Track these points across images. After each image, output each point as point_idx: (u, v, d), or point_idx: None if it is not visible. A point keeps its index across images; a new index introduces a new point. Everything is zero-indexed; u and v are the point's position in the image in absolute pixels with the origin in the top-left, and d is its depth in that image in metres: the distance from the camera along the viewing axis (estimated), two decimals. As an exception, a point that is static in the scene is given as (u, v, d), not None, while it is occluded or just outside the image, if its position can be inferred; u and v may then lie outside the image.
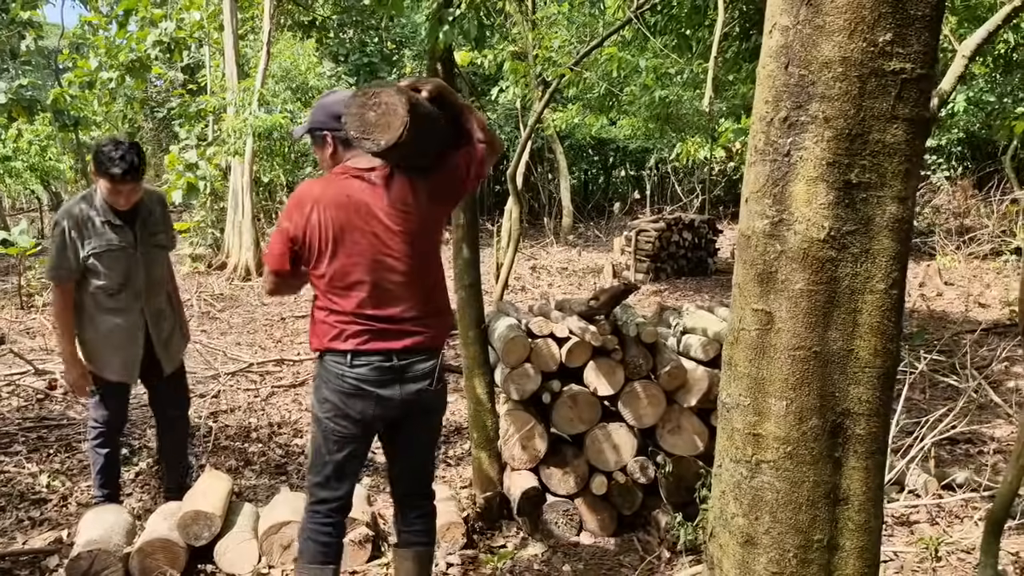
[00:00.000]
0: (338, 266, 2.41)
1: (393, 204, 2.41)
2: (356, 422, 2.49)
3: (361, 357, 2.43)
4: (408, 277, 2.46)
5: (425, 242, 2.50)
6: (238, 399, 5.84)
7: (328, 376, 2.48)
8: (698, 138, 11.98)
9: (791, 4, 1.71)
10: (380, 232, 2.40)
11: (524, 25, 6.63)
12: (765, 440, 1.83)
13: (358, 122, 2.26)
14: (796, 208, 1.72)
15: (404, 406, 2.51)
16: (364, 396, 2.45)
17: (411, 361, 2.48)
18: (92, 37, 15.45)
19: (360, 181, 2.42)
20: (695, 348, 3.70)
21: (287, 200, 2.53)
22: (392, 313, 2.45)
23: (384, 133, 2.24)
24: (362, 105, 2.26)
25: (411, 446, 2.68)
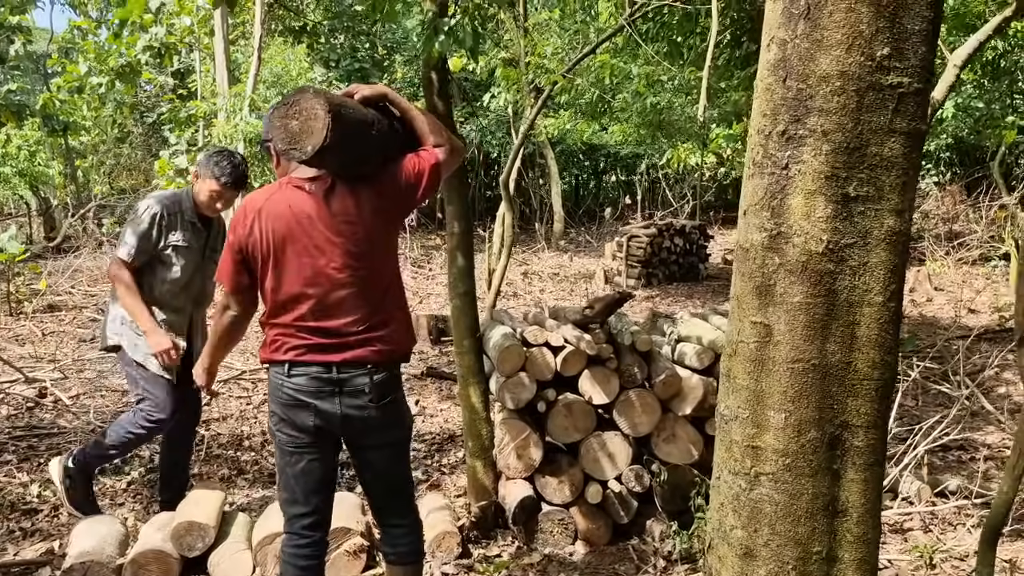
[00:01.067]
0: (279, 278, 2.40)
1: (335, 214, 2.36)
2: (302, 430, 2.45)
3: (299, 368, 2.41)
4: (351, 289, 2.40)
5: (371, 253, 2.43)
6: (230, 407, 5.81)
7: (271, 387, 2.49)
8: (689, 144, 12.03)
9: (789, 18, 1.71)
10: (321, 243, 2.36)
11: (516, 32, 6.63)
12: (764, 452, 1.83)
13: (283, 133, 2.23)
14: (794, 221, 1.73)
15: (346, 421, 2.44)
16: (302, 407, 2.42)
17: (352, 375, 2.41)
18: (81, 42, 15.39)
19: (301, 192, 2.39)
20: (690, 356, 3.70)
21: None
22: (333, 326, 2.40)
23: (308, 139, 2.19)
24: (283, 116, 2.22)
25: (372, 464, 2.60)
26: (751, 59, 6.48)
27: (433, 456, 4.81)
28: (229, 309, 2.57)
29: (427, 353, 7.39)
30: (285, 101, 2.23)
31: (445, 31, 3.16)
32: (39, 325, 8.89)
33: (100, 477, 4.42)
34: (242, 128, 10.83)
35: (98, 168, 20.11)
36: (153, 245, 3.46)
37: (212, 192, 3.46)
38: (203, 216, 3.59)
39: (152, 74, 15.95)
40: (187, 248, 3.54)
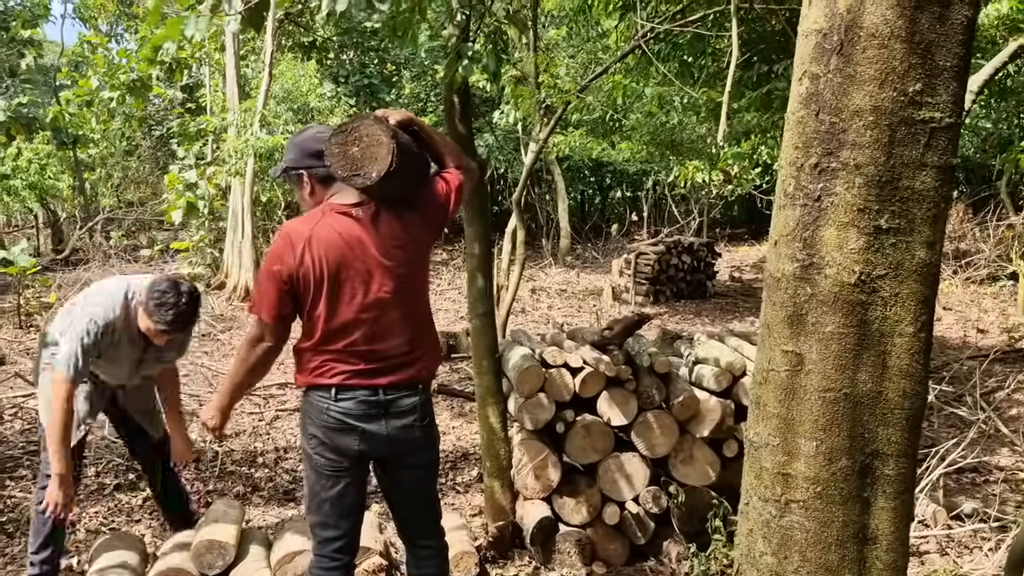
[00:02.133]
0: (333, 305, 2.36)
1: (383, 238, 2.39)
2: (343, 455, 2.44)
3: (346, 392, 2.40)
4: (400, 312, 2.44)
5: (415, 275, 2.49)
6: (243, 423, 5.83)
7: (313, 411, 2.44)
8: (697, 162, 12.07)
9: (822, 53, 1.75)
10: (373, 268, 2.38)
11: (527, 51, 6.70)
12: (795, 480, 1.85)
13: (343, 160, 2.27)
14: (827, 252, 1.76)
15: (391, 442, 2.47)
16: (349, 431, 2.41)
17: (397, 396, 2.44)
18: (91, 55, 15.51)
19: (348, 218, 2.38)
20: (707, 378, 3.72)
21: (274, 238, 2.43)
22: (382, 349, 2.43)
23: (373, 165, 2.24)
24: (342, 143, 2.26)
25: (408, 484, 2.63)
26: (762, 80, 6.51)
27: (447, 475, 4.82)
28: (264, 341, 2.44)
29: (438, 370, 7.39)
30: (342, 128, 2.27)
31: (468, 55, 3.20)
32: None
33: (116, 493, 4.45)
34: (252, 143, 10.89)
35: (106, 181, 20.20)
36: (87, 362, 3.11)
37: (149, 331, 3.10)
38: None
39: (162, 88, 16.05)
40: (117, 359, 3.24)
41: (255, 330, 2.44)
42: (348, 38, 15.53)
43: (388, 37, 3.49)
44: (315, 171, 2.43)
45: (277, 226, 14.44)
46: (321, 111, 13.42)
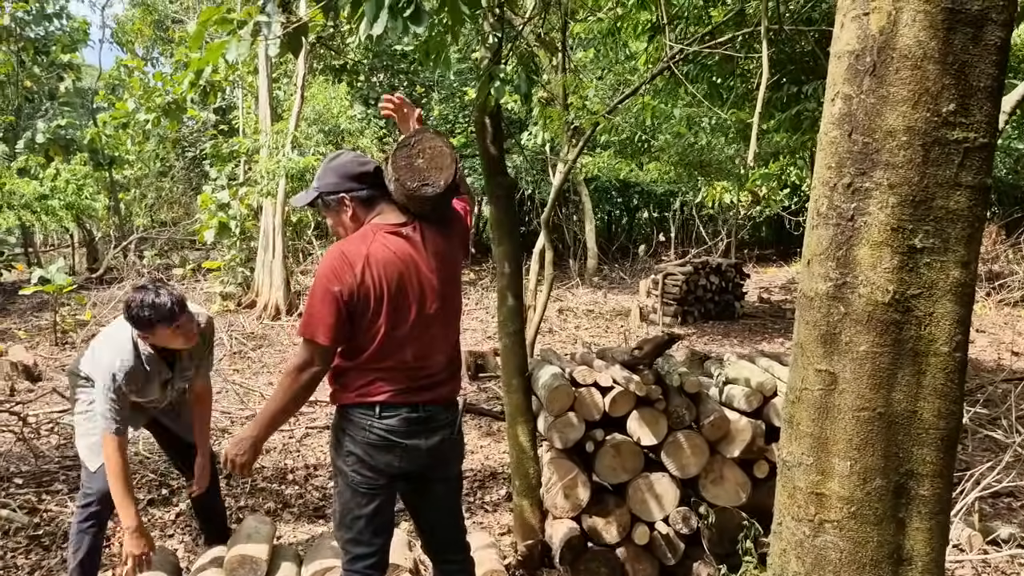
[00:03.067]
0: (391, 323, 2.37)
1: (431, 257, 2.44)
2: (381, 473, 2.46)
3: (390, 409, 2.42)
4: (443, 330, 2.50)
5: (454, 293, 2.55)
6: (273, 440, 5.87)
7: (353, 429, 2.44)
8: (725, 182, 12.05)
9: (855, 74, 1.76)
10: (424, 286, 2.43)
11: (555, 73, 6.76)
12: (829, 500, 1.84)
13: (410, 172, 2.34)
14: (860, 272, 1.76)
15: (429, 456, 2.50)
16: (390, 448, 2.43)
17: (435, 412, 2.50)
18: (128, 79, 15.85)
19: (398, 236, 2.41)
20: (738, 399, 3.71)
21: (325, 260, 2.39)
22: (428, 366, 2.47)
23: (440, 173, 2.34)
24: (408, 156, 2.34)
25: (439, 498, 2.67)
26: (791, 100, 6.52)
27: (475, 493, 4.83)
28: (313, 366, 2.35)
29: (466, 389, 7.42)
30: (406, 143, 2.34)
31: (500, 77, 3.25)
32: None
33: (150, 508, 4.50)
34: (284, 164, 11.05)
35: (140, 201, 20.58)
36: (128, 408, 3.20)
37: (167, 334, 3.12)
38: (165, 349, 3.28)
39: (196, 110, 16.34)
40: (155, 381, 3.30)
41: (304, 355, 2.35)
42: (378, 61, 15.76)
43: (421, 60, 3.55)
44: (357, 194, 2.46)
45: (307, 246, 14.60)
46: (351, 132, 13.59)
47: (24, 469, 5.09)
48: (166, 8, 21.09)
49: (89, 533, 3.33)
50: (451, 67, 3.21)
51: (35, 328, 10.88)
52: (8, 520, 4.16)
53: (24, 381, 7.62)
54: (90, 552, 3.34)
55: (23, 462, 5.22)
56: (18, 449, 5.47)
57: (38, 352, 9.16)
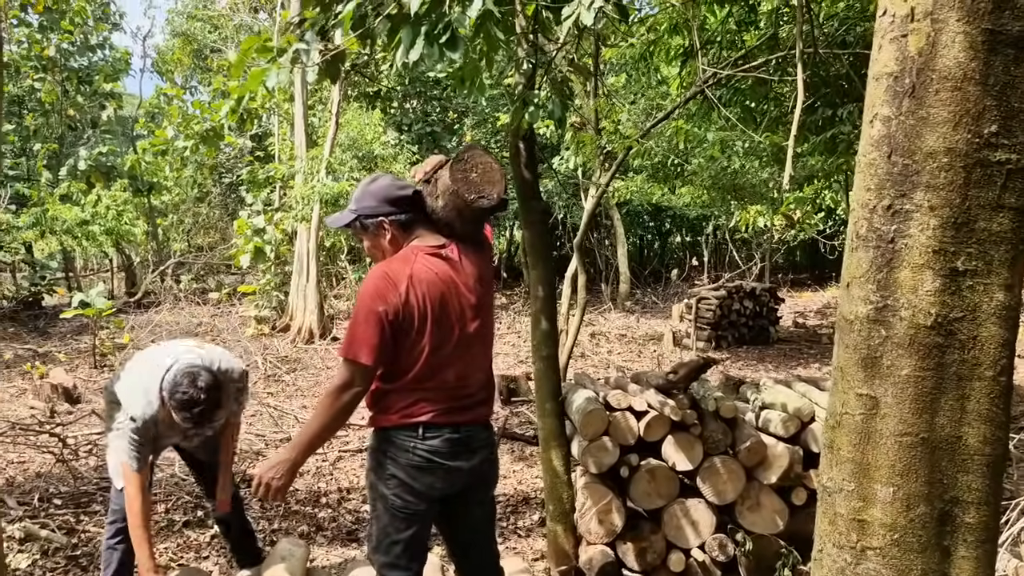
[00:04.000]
0: (434, 343, 2.38)
1: (469, 278, 2.48)
2: (422, 497, 2.45)
3: (433, 430, 2.42)
4: (482, 348, 2.54)
5: (489, 313, 2.58)
6: (307, 463, 5.89)
7: (395, 451, 2.42)
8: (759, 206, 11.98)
9: (893, 96, 1.75)
10: (464, 306, 2.46)
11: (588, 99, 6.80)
12: (871, 526, 1.81)
13: (467, 185, 2.40)
14: (902, 295, 1.74)
15: (469, 478, 2.51)
16: (433, 470, 2.43)
17: (474, 432, 2.51)
18: (167, 107, 16.20)
19: (438, 257, 2.44)
20: (775, 424, 3.66)
21: (368, 280, 2.40)
22: (468, 386, 2.49)
23: (494, 187, 2.41)
24: (462, 170, 2.40)
25: (475, 519, 2.67)
26: (826, 124, 6.48)
27: (508, 518, 4.80)
28: (354, 387, 2.34)
29: (498, 414, 7.41)
30: (459, 158, 2.40)
31: (534, 103, 3.27)
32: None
33: (185, 530, 4.54)
34: (319, 189, 11.18)
35: (178, 226, 20.94)
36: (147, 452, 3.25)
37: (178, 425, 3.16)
38: None
39: (233, 137, 16.65)
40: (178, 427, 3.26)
41: (345, 375, 2.33)
42: (412, 87, 15.94)
43: (455, 86, 3.59)
44: (396, 218, 2.48)
45: (341, 270, 14.73)
46: (385, 158, 13.73)
47: (63, 490, 5.16)
48: (205, 38, 21.56)
49: (118, 549, 3.37)
50: (485, 92, 3.24)
51: (75, 351, 11.07)
52: (47, 540, 4.21)
53: (64, 403, 7.74)
54: (120, 568, 3.36)
55: (62, 483, 5.29)
56: (57, 470, 5.55)
57: (77, 374, 9.31)
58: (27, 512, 4.70)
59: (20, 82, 16.44)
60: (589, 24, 2.53)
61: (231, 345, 11.01)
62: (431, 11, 2.67)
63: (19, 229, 14.91)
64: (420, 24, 2.70)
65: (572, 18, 2.59)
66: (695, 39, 4.89)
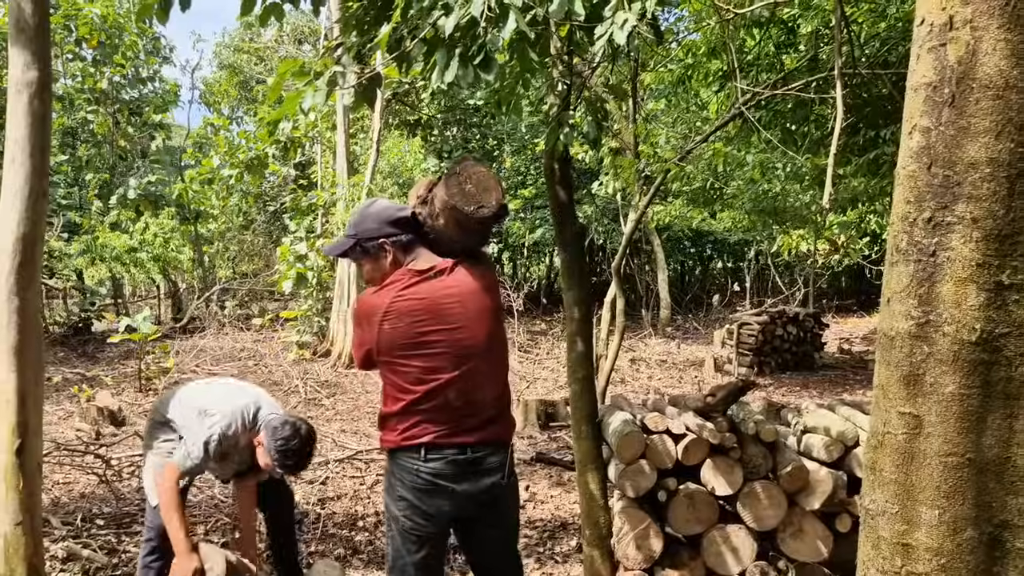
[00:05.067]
0: (429, 366, 2.39)
1: (465, 295, 2.45)
2: (432, 519, 2.43)
3: (435, 451, 2.40)
4: (488, 368, 2.49)
5: (498, 331, 2.54)
6: (344, 486, 5.91)
7: (402, 473, 2.43)
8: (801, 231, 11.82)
9: (932, 106, 1.71)
10: (462, 325, 2.42)
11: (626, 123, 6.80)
12: (916, 551, 1.75)
13: (463, 198, 2.38)
14: (944, 309, 1.69)
15: (479, 501, 2.47)
16: (439, 492, 2.40)
17: (484, 454, 2.46)
18: (214, 136, 16.56)
19: (426, 282, 2.43)
20: (817, 448, 3.57)
21: (352, 318, 2.58)
22: (473, 405, 2.45)
23: (491, 195, 2.40)
24: (458, 183, 2.39)
25: (494, 543, 2.63)
26: (869, 145, 6.40)
27: (545, 544, 4.74)
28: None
29: (536, 438, 7.36)
30: (453, 172, 2.40)
31: (569, 124, 3.27)
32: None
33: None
34: (360, 216, 11.29)
35: (223, 254, 21.30)
36: (204, 467, 3.35)
37: (267, 467, 3.31)
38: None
39: (277, 166, 16.94)
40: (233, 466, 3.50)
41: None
42: (451, 115, 16.11)
43: (493, 110, 3.61)
44: (397, 239, 2.49)
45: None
46: (425, 185, 13.84)
47: (106, 510, 5.22)
48: (251, 70, 22.06)
49: (153, 568, 3.42)
50: (522, 115, 3.25)
51: (121, 375, 11.27)
52: (89, 560, 4.25)
53: (109, 425, 7.87)
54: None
55: (105, 504, 5.35)
56: (101, 491, 5.62)
57: (123, 398, 9.46)
58: (70, 532, 4.76)
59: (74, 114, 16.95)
60: (622, 43, 2.52)
61: (273, 370, 11.14)
62: (465, 33, 2.70)
63: (71, 256, 15.31)
64: (455, 46, 2.72)
65: (605, 37, 2.59)
66: (733, 61, 4.86)
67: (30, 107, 3.02)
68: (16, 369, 2.99)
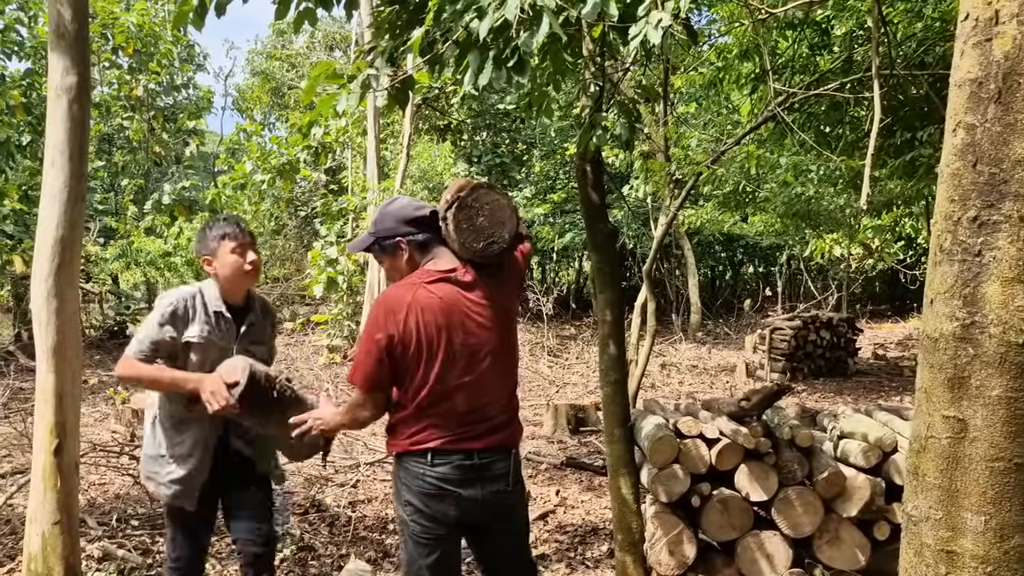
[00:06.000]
0: (437, 371, 2.37)
1: (482, 303, 2.43)
2: (439, 523, 2.42)
3: (442, 456, 2.38)
4: (497, 375, 2.47)
5: (511, 337, 2.53)
6: (375, 489, 5.92)
7: (408, 478, 2.42)
8: (835, 235, 11.67)
9: (977, 103, 1.67)
10: (475, 331, 2.41)
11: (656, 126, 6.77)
12: (961, 559, 1.70)
13: (473, 233, 2.36)
14: (990, 310, 1.65)
15: (485, 508, 2.45)
16: (445, 497, 2.39)
17: (491, 460, 2.44)
18: (247, 142, 16.77)
19: (447, 283, 2.41)
20: (854, 454, 3.51)
21: (372, 309, 2.45)
22: (480, 411, 2.42)
23: (503, 227, 2.37)
24: (468, 218, 2.36)
25: (503, 549, 2.62)
26: (905, 147, 6.30)
27: (576, 549, 4.71)
28: (363, 409, 2.46)
29: (567, 443, 7.33)
30: (462, 205, 2.36)
31: (602, 126, 3.25)
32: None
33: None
34: (390, 220, 11.33)
35: (255, 258, 21.45)
36: (169, 344, 2.88)
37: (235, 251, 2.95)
38: (234, 305, 3.02)
39: (308, 171, 17.09)
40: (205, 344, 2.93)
41: (357, 398, 2.46)
42: (481, 120, 16.14)
43: (524, 113, 3.60)
44: (413, 238, 2.47)
45: (410, 300, 14.86)
46: (455, 189, 13.88)
47: (140, 512, 5.27)
48: (283, 76, 22.28)
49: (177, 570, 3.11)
50: (552, 117, 3.23)
51: (155, 378, 11.40)
52: (123, 560, 4.30)
53: (143, 427, 7.96)
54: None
55: (140, 505, 5.41)
56: (135, 492, 5.68)
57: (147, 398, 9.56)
58: (106, 532, 4.81)
59: (110, 121, 17.23)
60: (656, 43, 2.50)
61: (304, 373, 11.21)
62: (499, 36, 2.69)
63: (106, 261, 15.54)
64: (488, 49, 2.72)
65: (639, 38, 2.57)
66: (766, 62, 4.81)
67: (69, 111, 3.06)
68: (55, 369, 3.03)
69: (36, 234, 3.11)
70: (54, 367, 3.03)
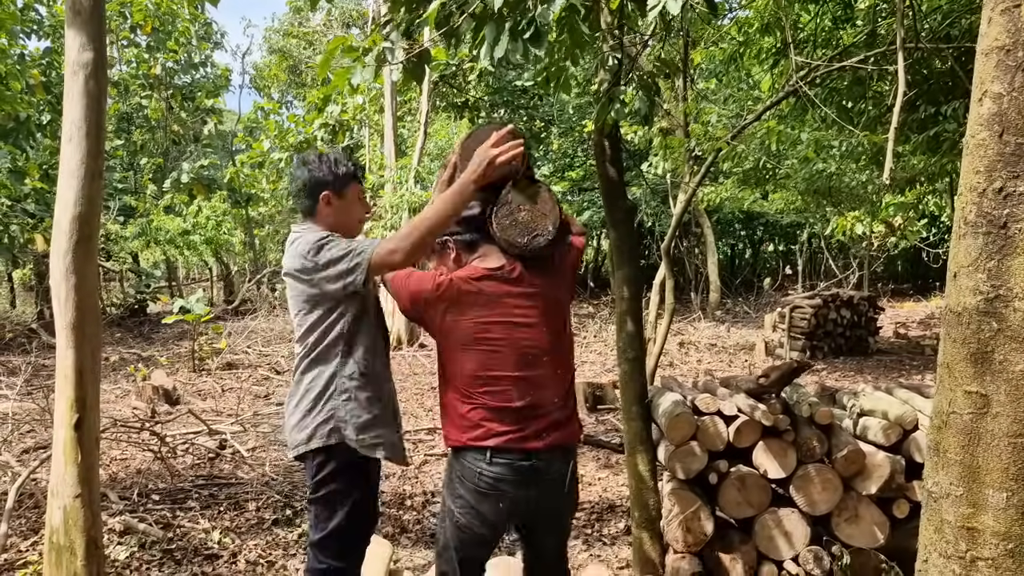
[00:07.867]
0: (482, 362, 2.36)
1: (533, 298, 2.41)
2: (486, 523, 2.42)
3: (501, 455, 2.36)
4: (552, 370, 2.44)
5: (563, 333, 2.50)
6: (392, 466, 5.95)
7: (464, 472, 2.40)
8: (856, 212, 11.53)
9: (1005, 71, 1.63)
10: (525, 325, 2.39)
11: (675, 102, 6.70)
12: (982, 535, 1.68)
13: (516, 229, 2.35)
14: (1015, 284, 1.61)
15: (537, 509, 2.45)
16: (498, 496, 2.38)
17: (549, 462, 2.42)
18: (264, 121, 16.79)
19: (493, 280, 2.39)
20: (874, 431, 3.48)
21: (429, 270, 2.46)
22: (539, 406, 2.40)
23: (547, 219, 2.35)
24: (509, 214, 2.34)
25: (544, 549, 2.64)
26: (928, 122, 6.20)
27: (593, 526, 4.72)
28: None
29: (584, 421, 7.33)
30: (504, 201, 2.35)
31: (620, 99, 3.21)
32: (219, 381, 9.51)
33: (274, 528, 4.63)
34: (407, 198, 11.34)
35: (273, 237, 21.59)
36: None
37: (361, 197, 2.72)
38: None
39: (326, 149, 17.08)
40: None
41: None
42: (498, 97, 16.04)
43: (541, 87, 3.56)
44: (460, 238, 2.47)
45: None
46: (472, 167, 13.85)
47: (161, 486, 5.33)
48: (300, 54, 22.25)
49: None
50: (570, 92, 3.19)
51: (175, 355, 11.52)
52: (144, 534, 4.35)
53: (164, 404, 8.05)
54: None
55: (160, 480, 5.47)
56: (156, 467, 5.75)
57: (177, 377, 9.67)
58: (127, 506, 4.88)
59: (129, 100, 17.30)
60: (676, 13, 2.46)
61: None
62: (515, 7, 2.65)
63: (126, 239, 15.66)
64: (504, 21, 2.68)
65: (658, 8, 2.52)
66: (788, 36, 4.73)
67: (86, 87, 3.06)
68: (74, 345, 3.04)
69: (55, 211, 3.12)
70: (74, 342, 3.05)
